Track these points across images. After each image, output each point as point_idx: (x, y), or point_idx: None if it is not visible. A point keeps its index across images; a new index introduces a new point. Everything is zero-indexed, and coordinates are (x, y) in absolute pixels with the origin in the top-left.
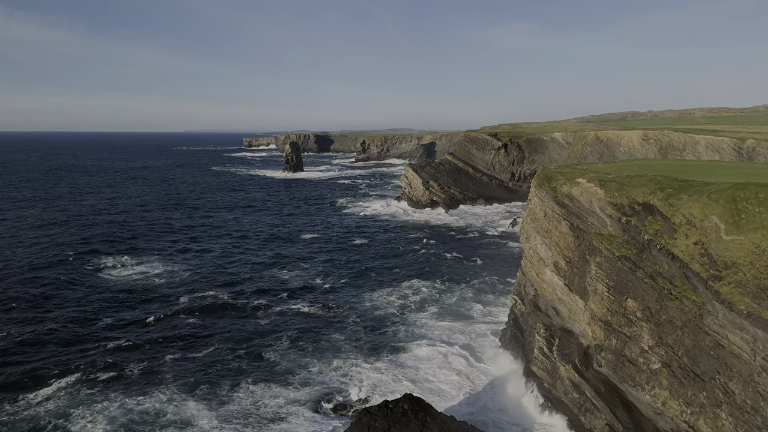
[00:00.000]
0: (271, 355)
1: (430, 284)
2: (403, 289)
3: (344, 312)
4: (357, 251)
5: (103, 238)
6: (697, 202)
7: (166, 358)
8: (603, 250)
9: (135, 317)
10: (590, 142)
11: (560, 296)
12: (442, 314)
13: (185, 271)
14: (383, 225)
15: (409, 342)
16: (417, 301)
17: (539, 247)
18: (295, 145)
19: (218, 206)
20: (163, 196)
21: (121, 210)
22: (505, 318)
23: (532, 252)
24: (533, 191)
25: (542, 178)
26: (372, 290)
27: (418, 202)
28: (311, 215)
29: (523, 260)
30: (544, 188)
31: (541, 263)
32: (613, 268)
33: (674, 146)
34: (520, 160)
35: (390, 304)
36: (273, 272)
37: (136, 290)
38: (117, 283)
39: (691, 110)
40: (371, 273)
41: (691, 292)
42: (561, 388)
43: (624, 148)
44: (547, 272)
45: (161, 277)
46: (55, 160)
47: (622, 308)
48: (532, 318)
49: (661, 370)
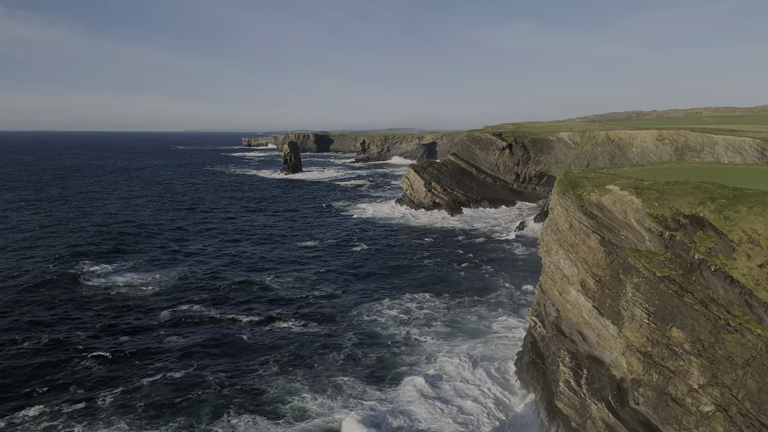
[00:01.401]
0: (258, 380)
1: (436, 296)
2: (406, 301)
3: (341, 329)
4: (355, 258)
5: (89, 242)
6: (761, 215)
7: (142, 381)
8: (641, 269)
9: (113, 333)
10: (600, 143)
11: (587, 320)
12: (449, 332)
13: (171, 279)
14: (384, 229)
15: (413, 366)
16: (422, 316)
17: (563, 262)
18: (294, 145)
19: (212, 208)
20: (156, 198)
21: (111, 213)
22: (523, 333)
23: (554, 268)
24: (556, 199)
25: (566, 185)
26: (372, 303)
27: (420, 204)
28: (308, 219)
29: (543, 276)
30: (568, 196)
31: (564, 281)
32: (654, 291)
33: (691, 147)
34: (525, 160)
35: (392, 320)
36: (265, 281)
37: (117, 301)
38: (97, 293)
39: (697, 110)
40: (371, 283)
41: (756, 324)
42: (592, 430)
43: (637, 148)
44: (572, 292)
45: (146, 285)
46: (51, 162)
47: (666, 338)
48: (555, 343)
49: (715, 414)
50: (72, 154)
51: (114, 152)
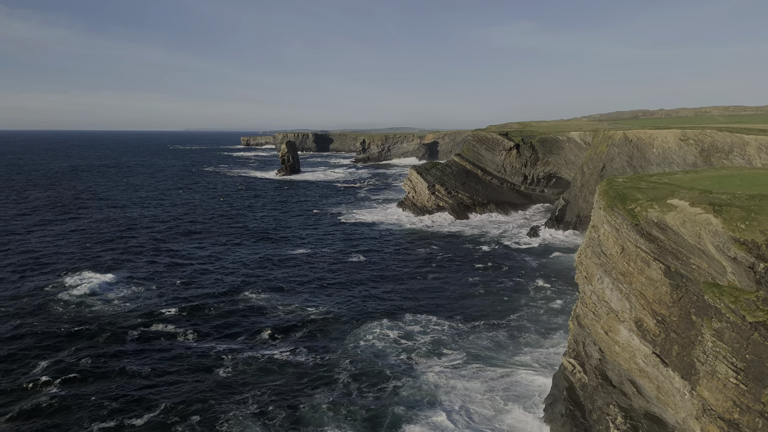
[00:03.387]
0: (230, 426)
1: (443, 316)
2: (409, 323)
3: (333, 357)
4: (353, 271)
5: (65, 250)
6: None
7: (93, 428)
8: (724, 310)
9: (74, 362)
10: (617, 143)
11: (643, 367)
12: (460, 362)
13: (147, 295)
14: (384, 236)
15: (417, 410)
16: (428, 342)
17: (609, 293)
18: (292, 145)
19: (201, 212)
20: (141, 198)
21: (93, 220)
22: (552, 367)
23: (597, 299)
24: (601, 215)
25: (613, 197)
26: (370, 324)
27: (422, 208)
28: (303, 225)
29: (581, 307)
30: (618, 212)
31: (612, 317)
32: (743, 342)
33: (719, 148)
34: (534, 161)
35: (392, 347)
36: (249, 300)
37: (84, 322)
38: (67, 311)
39: (706, 108)
40: (369, 300)
41: None
42: None
43: (657, 149)
44: (623, 331)
45: (121, 301)
46: (41, 163)
47: (761, 404)
48: (601, 395)
49: None
50: (66, 155)
51: (106, 152)
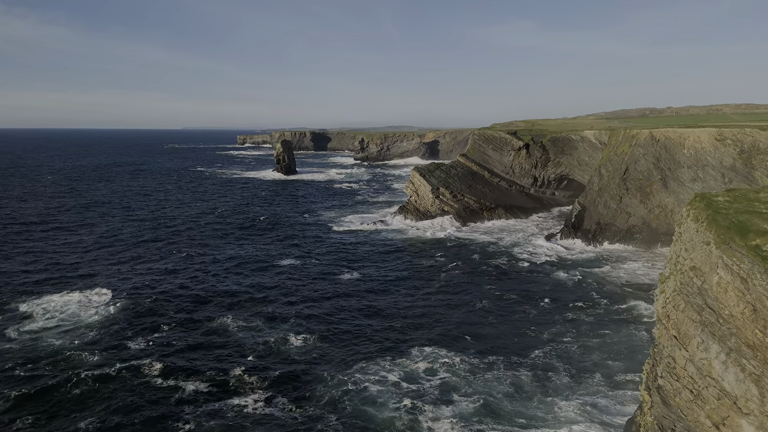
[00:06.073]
0: None
1: (455, 350)
2: (413, 361)
3: (318, 408)
4: (346, 293)
5: (27, 267)
6: None
7: None
8: None
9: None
10: (642, 143)
11: None
12: (477, 417)
13: (108, 323)
14: (383, 247)
15: None
16: (436, 385)
17: (722, 369)
18: (288, 144)
19: (184, 218)
20: (108, 203)
21: (59, 227)
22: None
23: (698, 373)
24: (713, 255)
25: (726, 228)
26: (364, 363)
27: (426, 213)
28: (293, 234)
29: (666, 376)
30: (735, 250)
31: (727, 405)
32: None
33: (761, 149)
34: (544, 162)
35: (392, 391)
36: (224, 323)
37: (34, 359)
38: (20, 345)
39: (717, 106)
40: (365, 330)
41: None
42: None
43: (689, 150)
44: (747, 427)
45: (78, 331)
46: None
47: None
48: None
49: None
50: (58, 154)
51: (99, 151)
